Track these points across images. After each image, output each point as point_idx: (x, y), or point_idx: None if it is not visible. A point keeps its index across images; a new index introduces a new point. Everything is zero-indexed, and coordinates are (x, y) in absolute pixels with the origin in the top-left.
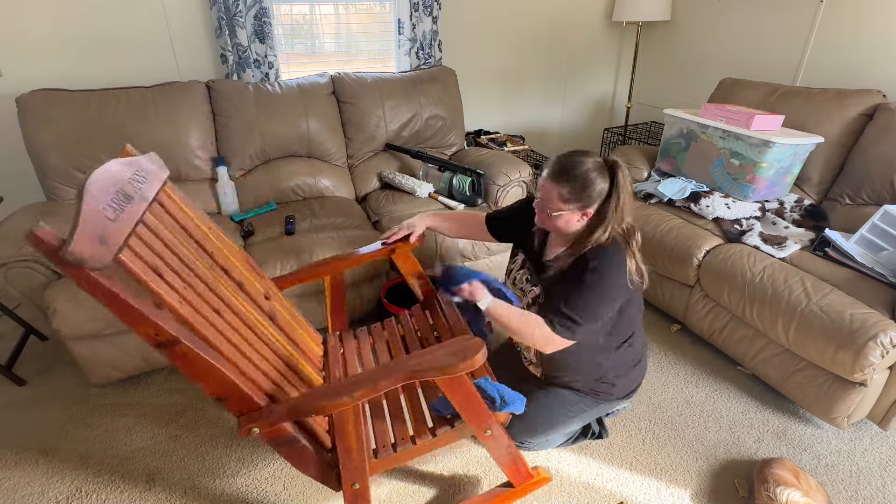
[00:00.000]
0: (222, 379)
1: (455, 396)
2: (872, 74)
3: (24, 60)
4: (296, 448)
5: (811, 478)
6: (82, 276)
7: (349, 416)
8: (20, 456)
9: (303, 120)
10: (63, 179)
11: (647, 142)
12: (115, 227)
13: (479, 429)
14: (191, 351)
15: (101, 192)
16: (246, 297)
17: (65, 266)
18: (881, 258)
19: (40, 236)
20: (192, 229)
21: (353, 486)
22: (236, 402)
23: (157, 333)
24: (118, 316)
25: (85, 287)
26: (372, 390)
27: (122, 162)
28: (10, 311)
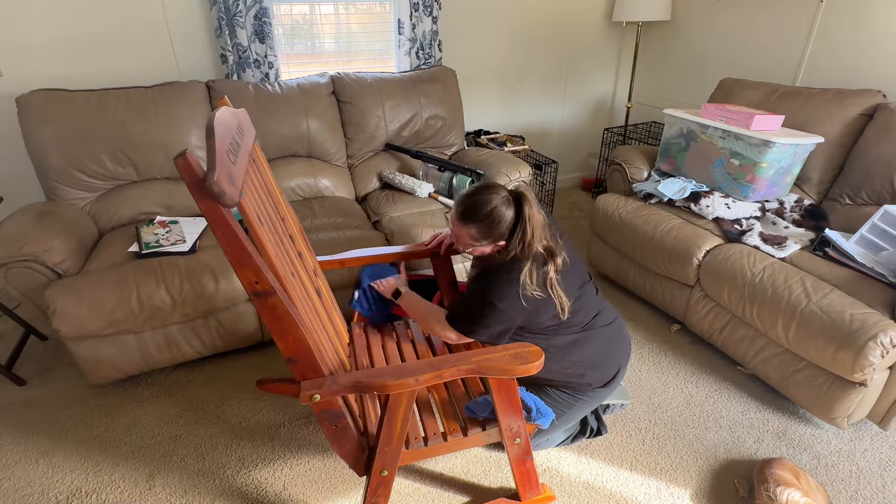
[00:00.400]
0: (300, 340)
1: (501, 398)
2: (872, 74)
3: (24, 60)
4: (340, 425)
5: (811, 478)
6: (215, 211)
7: (403, 400)
8: (20, 456)
9: (303, 120)
10: (63, 179)
11: (647, 142)
12: (236, 170)
13: (510, 435)
14: (281, 305)
15: (225, 134)
16: (303, 268)
17: (204, 197)
18: (881, 258)
19: (190, 161)
20: (272, 192)
21: (382, 473)
22: (305, 366)
23: (258, 281)
24: (230, 255)
25: (214, 221)
26: (436, 377)
27: (230, 111)
28: (10, 311)
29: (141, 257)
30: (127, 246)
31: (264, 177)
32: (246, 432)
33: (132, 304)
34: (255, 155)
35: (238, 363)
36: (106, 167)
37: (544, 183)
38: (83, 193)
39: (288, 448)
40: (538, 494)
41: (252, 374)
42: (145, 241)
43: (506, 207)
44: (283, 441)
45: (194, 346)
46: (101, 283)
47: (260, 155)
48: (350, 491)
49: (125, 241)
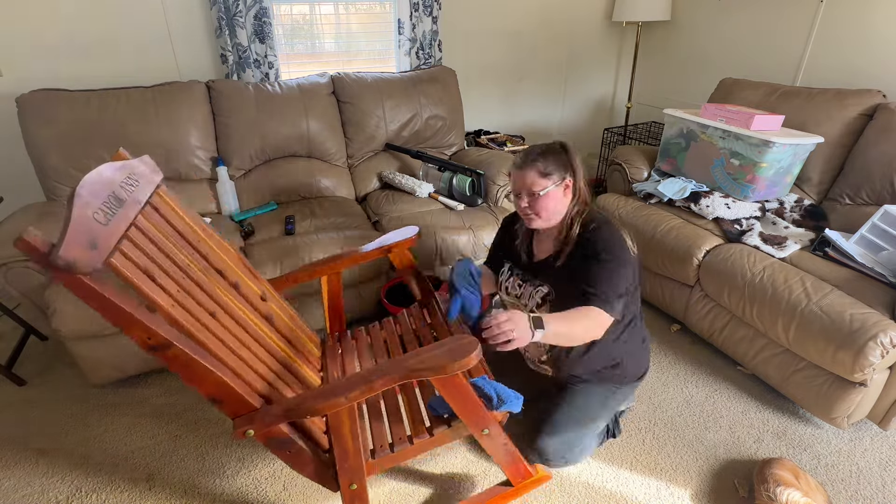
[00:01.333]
0: (216, 381)
1: (451, 396)
2: (872, 74)
3: (24, 60)
4: (292, 449)
5: (811, 478)
6: (72, 281)
7: (344, 417)
8: (20, 456)
9: (303, 120)
10: (63, 179)
11: (647, 142)
12: (107, 232)
13: (476, 428)
14: (183, 354)
15: (93, 196)
16: (242, 299)
17: (54, 271)
18: (881, 258)
19: (29, 241)
20: (187, 232)
21: (351, 487)
22: (231, 405)
23: (150, 337)
24: (110, 320)
25: (75, 292)
26: (367, 390)
27: (115, 166)
28: (10, 311)
29: None
30: None
31: (172, 220)
32: None
33: None
34: (158, 201)
35: None
36: None
37: None
38: None
39: None
40: (530, 477)
41: None
42: None
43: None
44: None
45: None
46: None
47: (165, 199)
48: None
49: None
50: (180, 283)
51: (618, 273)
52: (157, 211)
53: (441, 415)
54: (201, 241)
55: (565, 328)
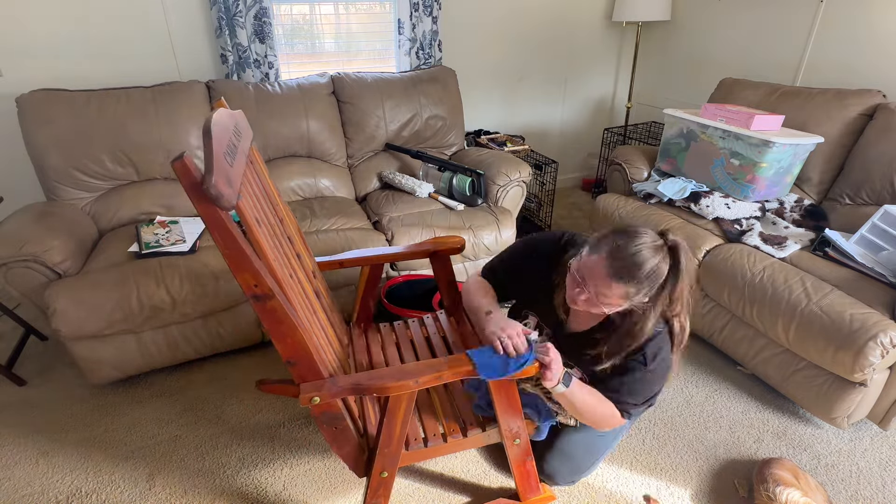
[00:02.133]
0: (299, 342)
1: (500, 399)
2: (872, 74)
3: (24, 60)
4: (339, 427)
5: (811, 478)
6: (213, 214)
7: (403, 402)
8: (20, 456)
9: (303, 120)
10: (63, 179)
11: (647, 142)
12: (234, 173)
13: (510, 436)
14: (280, 307)
15: (222, 136)
16: (302, 269)
17: (202, 200)
18: (881, 258)
19: (187, 164)
20: (271, 193)
21: (382, 474)
22: (304, 368)
23: (257, 284)
24: (228, 258)
25: (211, 224)
26: (436, 378)
27: (227, 113)
28: (10, 311)
29: (141, 257)
30: (127, 246)
31: (262, 179)
32: (246, 432)
33: (132, 304)
34: (253, 157)
35: (238, 363)
36: (106, 167)
37: (544, 183)
38: (83, 193)
39: (288, 448)
40: (538, 494)
41: (252, 374)
42: (145, 241)
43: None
44: (283, 441)
45: (194, 346)
46: (101, 284)
47: (257, 157)
48: (350, 491)
49: (125, 241)
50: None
51: (657, 384)
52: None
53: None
54: (279, 206)
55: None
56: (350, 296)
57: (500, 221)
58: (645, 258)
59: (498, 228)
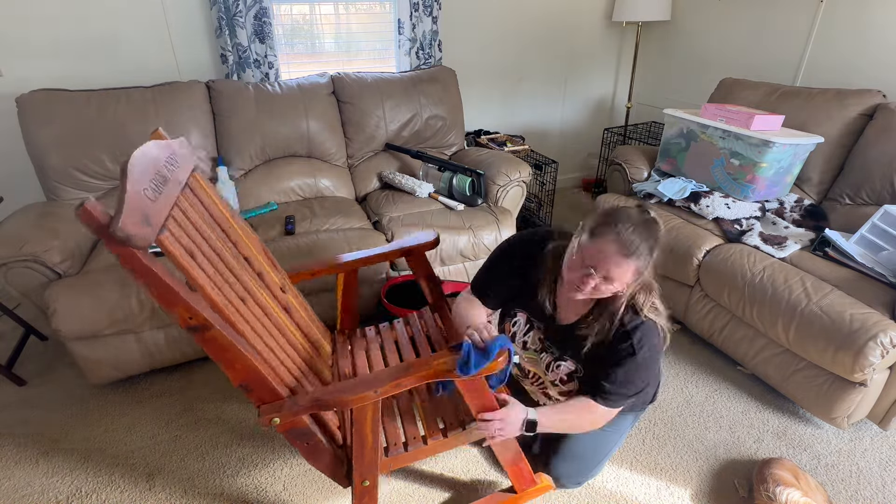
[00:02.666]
0: (249, 367)
1: (472, 397)
2: (872, 74)
3: (24, 60)
4: (311, 441)
5: (811, 478)
6: (127, 255)
7: (369, 412)
8: (20, 456)
9: (303, 120)
10: (63, 179)
11: (647, 142)
12: (156, 208)
13: None
14: (222, 336)
15: (143, 172)
16: (265, 288)
17: (111, 243)
18: (881, 258)
19: (90, 210)
20: (218, 216)
21: (364, 483)
22: (260, 392)
23: (192, 316)
24: (155, 296)
25: (127, 265)
26: (396, 386)
27: (158, 144)
28: (10, 311)
29: None
30: None
31: (207, 204)
32: (246, 432)
33: (132, 304)
34: (194, 184)
35: None
36: (106, 167)
37: (544, 183)
38: (83, 193)
39: (288, 448)
40: (534, 485)
41: None
42: None
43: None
44: (283, 441)
45: (194, 346)
46: (101, 283)
47: (201, 182)
48: (350, 491)
49: None
50: (216, 267)
51: (647, 372)
52: (193, 193)
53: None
54: (231, 228)
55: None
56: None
57: (500, 221)
58: (647, 233)
59: (498, 228)
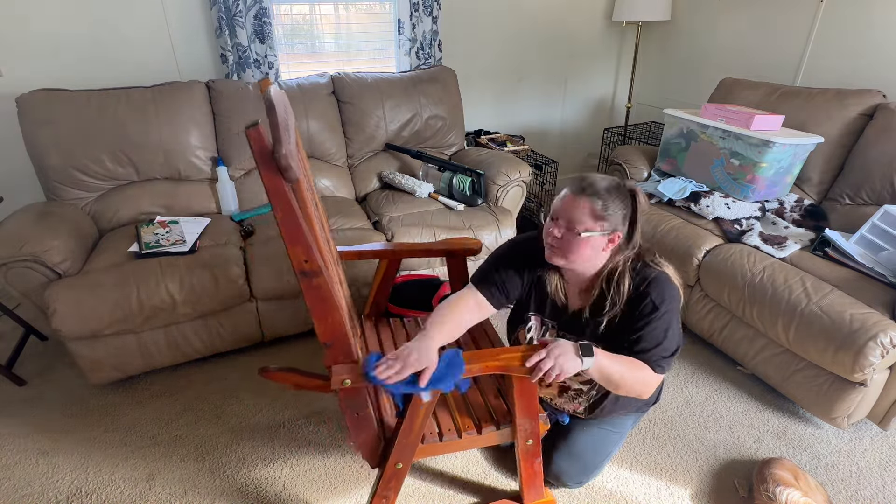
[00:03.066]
0: (339, 323)
1: (521, 399)
2: (872, 74)
3: (24, 60)
4: (361, 412)
5: (811, 478)
6: (278, 185)
7: None
8: (20, 456)
9: (303, 120)
10: (63, 179)
11: (647, 142)
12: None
13: (524, 436)
14: (326, 286)
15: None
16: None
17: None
18: (881, 258)
19: (262, 132)
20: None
21: (397, 466)
22: (339, 351)
23: (307, 259)
24: (285, 231)
25: (274, 194)
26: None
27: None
28: (10, 311)
29: (141, 257)
30: (127, 246)
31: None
32: (246, 432)
33: (132, 305)
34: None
35: (238, 363)
36: (106, 167)
37: (544, 183)
38: (83, 193)
39: (288, 448)
40: (541, 498)
41: (252, 375)
42: (145, 241)
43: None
44: (283, 441)
45: (194, 346)
46: (102, 284)
47: (299, 139)
48: (350, 491)
49: (125, 241)
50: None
51: (671, 329)
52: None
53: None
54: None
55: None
56: (355, 293)
57: (500, 221)
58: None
59: (498, 228)
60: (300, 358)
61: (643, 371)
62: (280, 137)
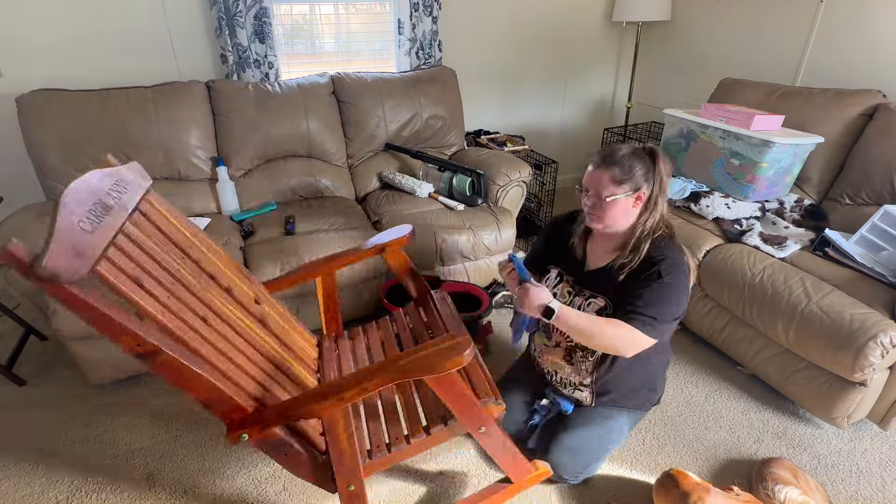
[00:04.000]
0: (207, 385)
1: (447, 395)
2: (872, 74)
3: (24, 60)
4: (288, 452)
5: (810, 477)
6: (58, 290)
7: (339, 419)
8: (20, 456)
9: (303, 120)
10: (63, 179)
11: (647, 142)
12: (93, 239)
13: (474, 426)
14: (173, 359)
15: (77, 204)
16: (235, 302)
17: (39, 280)
18: (881, 258)
19: (12, 251)
20: (177, 237)
21: (349, 488)
22: (223, 408)
23: (139, 344)
24: (97, 328)
25: (61, 300)
26: (361, 391)
27: (102, 173)
28: (10, 311)
29: None
30: None
31: (162, 226)
32: None
33: None
34: (147, 207)
35: None
36: None
37: (544, 183)
38: None
39: None
40: (531, 472)
41: None
42: None
43: (639, 156)
44: None
45: None
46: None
47: (155, 205)
48: None
49: None
50: (170, 289)
51: (673, 298)
52: (146, 217)
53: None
54: (192, 247)
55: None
56: (356, 294)
57: (500, 221)
58: (619, 148)
59: (498, 228)
60: None
61: (620, 327)
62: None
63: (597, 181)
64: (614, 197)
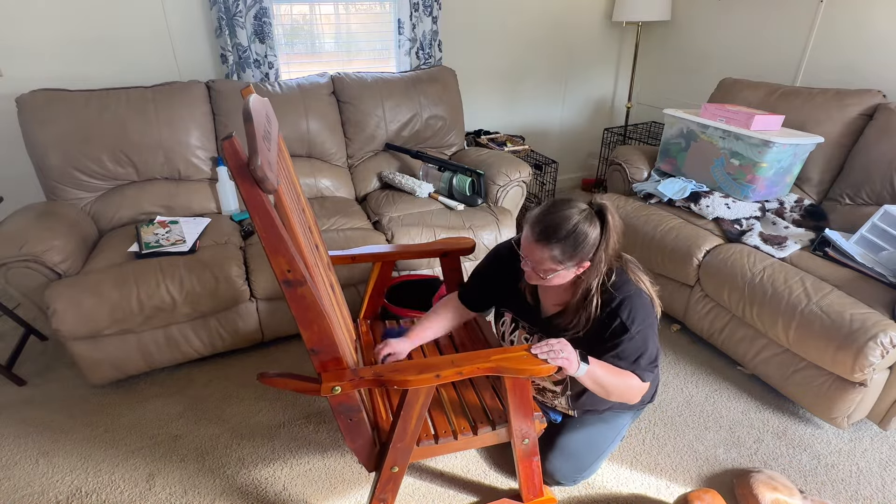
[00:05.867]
0: (326, 330)
1: (515, 398)
2: (872, 74)
3: (24, 60)
4: (355, 419)
5: (788, 482)
6: (255, 197)
7: (422, 396)
8: (20, 456)
9: (303, 120)
10: (63, 179)
11: (647, 142)
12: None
13: (520, 436)
14: (310, 294)
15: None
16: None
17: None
18: (881, 258)
19: (236, 145)
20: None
21: (393, 469)
22: (327, 357)
23: (290, 269)
24: (266, 242)
25: (253, 207)
26: (456, 373)
27: (259, 99)
28: (10, 311)
29: (141, 257)
30: (127, 246)
31: (289, 168)
32: (246, 432)
33: (132, 305)
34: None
35: (238, 363)
36: (106, 167)
37: (544, 183)
38: (83, 193)
39: (288, 448)
40: (540, 496)
41: (252, 375)
42: (145, 241)
43: (588, 223)
44: (283, 441)
45: (194, 346)
46: (102, 284)
47: (283, 146)
48: (350, 491)
49: (125, 241)
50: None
51: (649, 342)
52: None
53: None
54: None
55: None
56: (351, 296)
57: (500, 221)
58: (564, 218)
59: (498, 228)
60: (301, 358)
61: (631, 379)
62: (256, 148)
63: (536, 255)
64: (555, 273)
